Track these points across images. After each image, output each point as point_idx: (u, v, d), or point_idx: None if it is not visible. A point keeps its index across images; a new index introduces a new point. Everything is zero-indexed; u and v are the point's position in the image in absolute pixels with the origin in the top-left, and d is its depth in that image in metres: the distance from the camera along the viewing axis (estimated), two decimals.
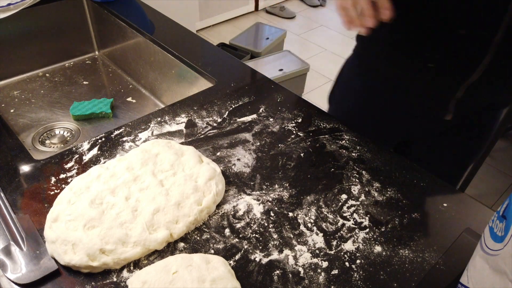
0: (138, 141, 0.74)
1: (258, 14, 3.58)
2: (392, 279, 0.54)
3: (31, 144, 0.98)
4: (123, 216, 0.57)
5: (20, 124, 1.03)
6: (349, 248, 0.58)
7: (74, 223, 0.55)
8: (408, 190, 0.67)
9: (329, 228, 0.60)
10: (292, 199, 0.65)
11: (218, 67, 0.96)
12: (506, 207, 0.42)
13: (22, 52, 1.17)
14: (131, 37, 1.14)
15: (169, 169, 0.64)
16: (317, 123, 0.80)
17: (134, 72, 1.21)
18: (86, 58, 1.30)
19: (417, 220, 0.62)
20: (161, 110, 0.82)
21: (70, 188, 0.61)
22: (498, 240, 0.42)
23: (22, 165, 0.68)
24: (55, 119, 1.05)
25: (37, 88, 1.15)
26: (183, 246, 0.57)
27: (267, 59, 2.34)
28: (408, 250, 0.58)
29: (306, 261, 0.56)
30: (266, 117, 0.81)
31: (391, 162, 0.72)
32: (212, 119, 0.80)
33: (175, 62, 1.02)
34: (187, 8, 2.92)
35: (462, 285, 0.49)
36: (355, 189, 0.67)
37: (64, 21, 1.22)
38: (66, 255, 0.53)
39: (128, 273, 0.54)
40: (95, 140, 0.74)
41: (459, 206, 0.65)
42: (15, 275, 0.51)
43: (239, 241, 0.58)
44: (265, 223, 0.61)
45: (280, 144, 0.75)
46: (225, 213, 0.62)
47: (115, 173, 0.63)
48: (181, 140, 0.75)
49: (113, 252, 0.53)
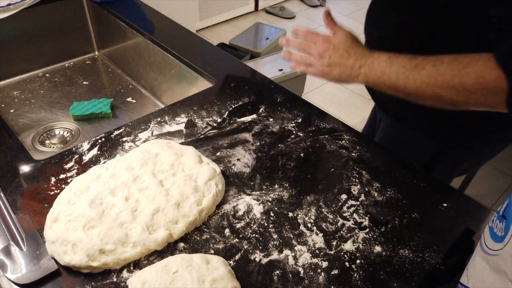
0: (138, 141, 0.74)
1: (258, 14, 3.58)
2: (392, 279, 0.54)
3: (31, 144, 0.98)
4: (123, 216, 0.57)
5: (20, 124, 1.03)
6: (349, 248, 0.58)
7: (74, 223, 0.55)
8: (408, 190, 0.67)
9: (329, 228, 0.60)
10: (292, 199, 0.65)
11: (218, 67, 0.96)
12: (506, 207, 0.42)
13: (22, 52, 1.17)
14: (131, 37, 1.14)
15: (169, 169, 0.64)
16: (317, 123, 0.80)
17: (134, 72, 1.21)
18: (86, 58, 1.30)
19: (417, 220, 0.62)
20: (161, 110, 0.82)
21: (70, 188, 0.61)
22: (498, 240, 0.42)
23: (22, 165, 0.68)
24: (55, 119, 1.05)
25: (37, 88, 1.15)
26: (183, 246, 0.57)
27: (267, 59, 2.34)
28: (408, 250, 0.58)
29: (306, 261, 0.56)
30: (266, 117, 0.81)
31: (391, 162, 0.72)
32: (212, 119, 0.80)
33: (175, 62, 1.02)
34: (187, 8, 2.92)
35: (462, 285, 0.49)
36: (355, 189, 0.67)
37: (64, 21, 1.22)
38: (66, 255, 0.53)
39: (128, 273, 0.54)
40: (95, 140, 0.74)
41: (459, 206, 0.65)
42: (15, 275, 0.51)
43: (239, 241, 0.58)
44: (265, 223, 0.61)
45: (280, 144, 0.75)
46: (225, 213, 0.62)
47: (115, 173, 0.63)
48: (181, 140, 0.75)
49: (113, 252, 0.53)
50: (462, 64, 0.63)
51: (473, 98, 0.62)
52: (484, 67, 0.61)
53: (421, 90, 0.67)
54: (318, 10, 3.72)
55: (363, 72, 0.73)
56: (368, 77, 0.73)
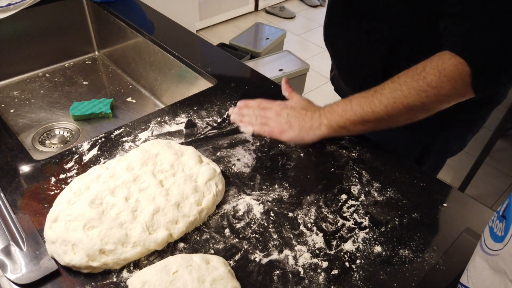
0: (138, 141, 0.74)
1: (258, 14, 3.58)
2: (392, 279, 0.54)
3: (31, 144, 0.98)
4: (123, 216, 0.57)
5: (20, 124, 1.03)
6: (349, 248, 0.58)
7: (74, 223, 0.55)
8: (408, 190, 0.67)
9: (329, 228, 0.60)
10: (292, 199, 0.65)
11: (218, 67, 0.96)
12: (506, 207, 0.42)
13: (22, 52, 1.17)
14: (131, 37, 1.14)
15: (169, 169, 0.64)
16: None
17: (134, 72, 1.21)
18: (86, 58, 1.30)
19: (417, 220, 0.62)
20: (161, 110, 0.82)
21: (70, 188, 0.61)
22: (498, 240, 0.42)
23: (22, 165, 0.68)
24: (55, 119, 1.05)
25: (37, 88, 1.15)
26: (183, 246, 0.57)
27: (267, 59, 2.34)
28: (408, 250, 0.58)
29: (306, 261, 0.56)
30: None
31: (391, 162, 0.72)
32: (212, 119, 0.80)
33: (175, 62, 1.02)
34: (187, 8, 2.93)
35: (462, 285, 0.49)
36: (355, 189, 0.67)
37: (64, 21, 1.22)
38: (66, 256, 0.53)
39: (128, 273, 0.54)
40: (95, 140, 0.74)
41: (459, 206, 0.65)
42: (15, 275, 0.51)
43: (239, 241, 0.58)
44: (265, 223, 0.61)
45: (280, 144, 0.75)
46: (225, 213, 0.62)
47: (115, 173, 0.63)
48: (181, 140, 0.75)
49: (113, 253, 0.53)
50: (419, 68, 0.64)
51: (443, 94, 0.63)
52: (441, 61, 0.62)
53: (389, 108, 0.66)
54: (318, 10, 3.72)
55: (324, 120, 0.72)
56: (331, 120, 0.72)
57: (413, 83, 0.64)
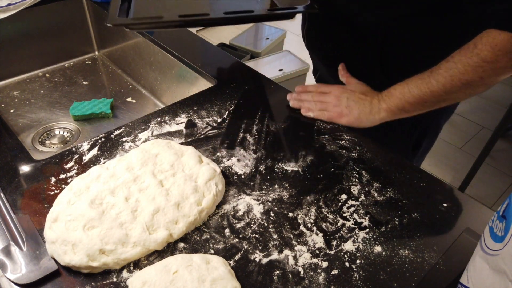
0: (138, 141, 0.74)
1: None
2: (392, 279, 0.54)
3: (31, 144, 0.98)
4: (123, 216, 0.57)
5: (20, 124, 1.03)
6: (349, 248, 0.58)
7: (74, 223, 0.55)
8: (408, 190, 0.67)
9: (329, 228, 0.60)
10: (292, 199, 0.65)
11: (218, 67, 0.96)
12: (506, 207, 0.42)
13: (22, 52, 1.17)
14: (131, 37, 1.14)
15: (169, 170, 0.64)
16: (317, 123, 0.80)
17: (134, 72, 1.21)
18: (86, 58, 1.30)
19: (417, 220, 0.62)
20: (161, 110, 0.82)
21: (70, 188, 0.61)
22: (498, 240, 0.42)
23: (22, 165, 0.68)
24: (55, 119, 1.05)
25: (37, 88, 1.15)
26: (183, 246, 0.57)
27: (267, 59, 2.34)
28: (408, 250, 0.58)
29: (306, 261, 0.56)
30: (266, 117, 0.81)
31: (391, 162, 0.72)
32: (212, 119, 0.80)
33: (175, 62, 1.02)
34: None
35: (462, 285, 0.49)
36: (355, 189, 0.67)
37: (64, 21, 1.22)
38: (66, 256, 0.53)
39: (128, 273, 0.54)
40: (95, 140, 0.74)
41: (459, 206, 0.65)
42: (15, 275, 0.51)
43: (239, 241, 0.58)
44: (265, 223, 0.61)
45: (280, 144, 0.75)
46: (225, 213, 0.62)
47: (115, 173, 0.63)
48: (181, 140, 0.75)
49: (113, 253, 0.53)
50: (470, 47, 0.66)
51: (500, 67, 0.64)
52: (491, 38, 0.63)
53: (448, 86, 0.68)
54: None
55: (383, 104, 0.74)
56: (390, 104, 0.73)
57: (467, 60, 0.65)
